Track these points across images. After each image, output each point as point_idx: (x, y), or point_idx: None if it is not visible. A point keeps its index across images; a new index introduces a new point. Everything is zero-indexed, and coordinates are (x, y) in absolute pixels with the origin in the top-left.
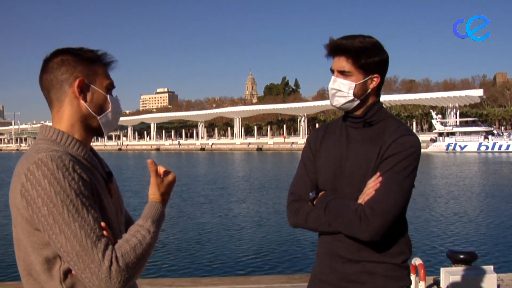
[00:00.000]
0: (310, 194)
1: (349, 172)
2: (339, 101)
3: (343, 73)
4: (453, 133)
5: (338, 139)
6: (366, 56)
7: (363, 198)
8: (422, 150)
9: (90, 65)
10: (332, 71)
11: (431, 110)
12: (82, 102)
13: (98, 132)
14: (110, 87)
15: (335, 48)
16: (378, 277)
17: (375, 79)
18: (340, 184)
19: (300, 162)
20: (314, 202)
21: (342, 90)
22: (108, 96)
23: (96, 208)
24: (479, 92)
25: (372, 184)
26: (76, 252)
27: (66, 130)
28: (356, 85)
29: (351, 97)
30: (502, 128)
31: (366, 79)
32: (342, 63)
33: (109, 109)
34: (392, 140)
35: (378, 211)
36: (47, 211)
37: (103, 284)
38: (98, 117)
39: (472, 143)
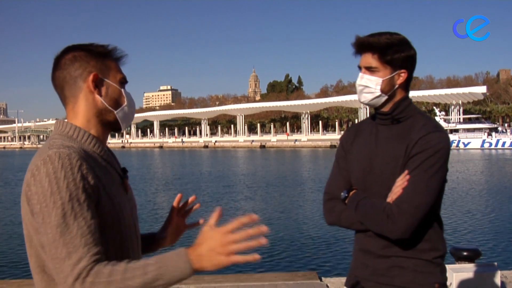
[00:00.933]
0: (342, 193)
1: (378, 170)
2: (366, 97)
3: (369, 69)
4: (456, 130)
5: (368, 137)
6: (392, 51)
7: (391, 197)
8: None
9: (102, 60)
10: (360, 68)
11: (434, 107)
12: (97, 96)
13: (115, 127)
14: (123, 81)
15: (362, 45)
16: (407, 272)
17: (402, 74)
18: (370, 182)
19: (334, 161)
20: (346, 201)
21: (369, 86)
22: (122, 90)
23: (90, 214)
24: (482, 89)
25: (400, 183)
26: (52, 257)
27: (82, 125)
28: (383, 80)
29: (379, 93)
30: (506, 125)
31: (393, 74)
32: (369, 59)
33: (125, 103)
34: (419, 137)
35: (405, 210)
36: (39, 209)
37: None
38: (115, 112)
39: (475, 140)
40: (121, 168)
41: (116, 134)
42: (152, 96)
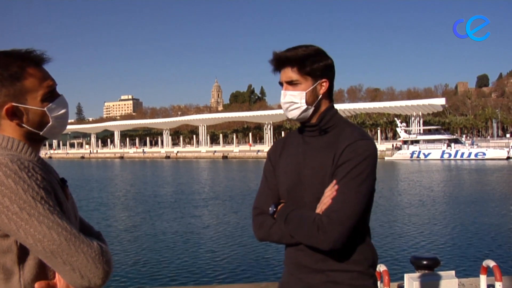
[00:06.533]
0: (270, 208)
1: (307, 180)
2: (294, 113)
3: (291, 83)
4: (417, 141)
5: (296, 149)
6: (310, 62)
7: (320, 208)
8: (387, 158)
9: (16, 83)
10: (281, 84)
11: (395, 118)
12: (18, 125)
13: (44, 139)
14: (46, 96)
15: (280, 61)
16: (343, 286)
17: (324, 83)
18: (300, 193)
19: (262, 176)
20: (275, 216)
21: (294, 101)
22: (46, 108)
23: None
24: (441, 101)
25: (329, 193)
26: (64, 236)
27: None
28: (306, 93)
29: (305, 106)
30: (464, 136)
31: (314, 85)
32: (289, 73)
33: (50, 122)
34: (345, 145)
35: (335, 220)
36: (18, 208)
37: (96, 262)
38: (41, 133)
39: (435, 151)
40: (60, 178)
41: (76, 144)
42: (113, 105)
